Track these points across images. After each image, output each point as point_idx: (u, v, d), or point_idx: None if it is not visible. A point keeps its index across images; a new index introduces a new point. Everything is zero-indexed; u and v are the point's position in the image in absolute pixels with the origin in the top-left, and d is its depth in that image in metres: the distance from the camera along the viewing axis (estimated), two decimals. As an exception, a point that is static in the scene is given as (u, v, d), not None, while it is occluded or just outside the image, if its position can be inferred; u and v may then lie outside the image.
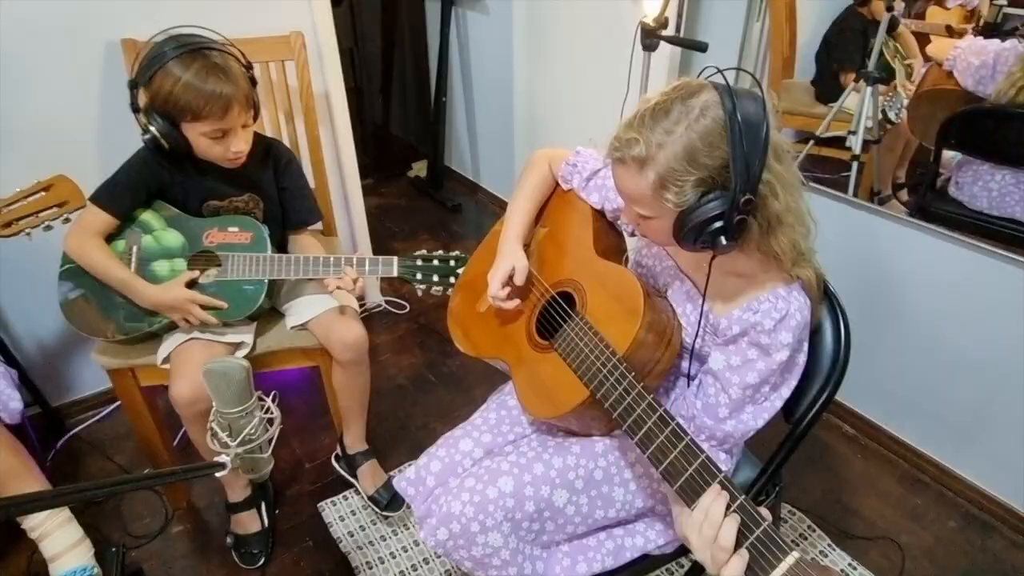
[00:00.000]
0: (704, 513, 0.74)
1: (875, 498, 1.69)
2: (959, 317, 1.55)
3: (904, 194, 1.67)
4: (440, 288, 1.36)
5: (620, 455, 1.03)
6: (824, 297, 1.01)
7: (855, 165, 1.68)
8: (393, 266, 1.35)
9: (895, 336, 1.70)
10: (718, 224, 0.81)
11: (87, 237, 1.31)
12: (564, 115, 2.62)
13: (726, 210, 0.80)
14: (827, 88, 1.75)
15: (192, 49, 1.22)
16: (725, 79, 0.81)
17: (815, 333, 0.99)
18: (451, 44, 2.97)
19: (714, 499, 0.74)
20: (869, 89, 1.61)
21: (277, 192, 1.47)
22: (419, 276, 1.35)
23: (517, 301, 1.11)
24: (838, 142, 1.73)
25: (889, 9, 1.52)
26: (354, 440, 1.64)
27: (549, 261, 1.16)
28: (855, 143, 1.67)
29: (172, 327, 1.38)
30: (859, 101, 1.64)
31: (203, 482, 1.70)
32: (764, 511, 0.72)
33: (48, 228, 1.28)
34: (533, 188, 1.21)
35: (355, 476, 1.66)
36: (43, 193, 1.26)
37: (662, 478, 0.81)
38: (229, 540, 1.53)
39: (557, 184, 1.22)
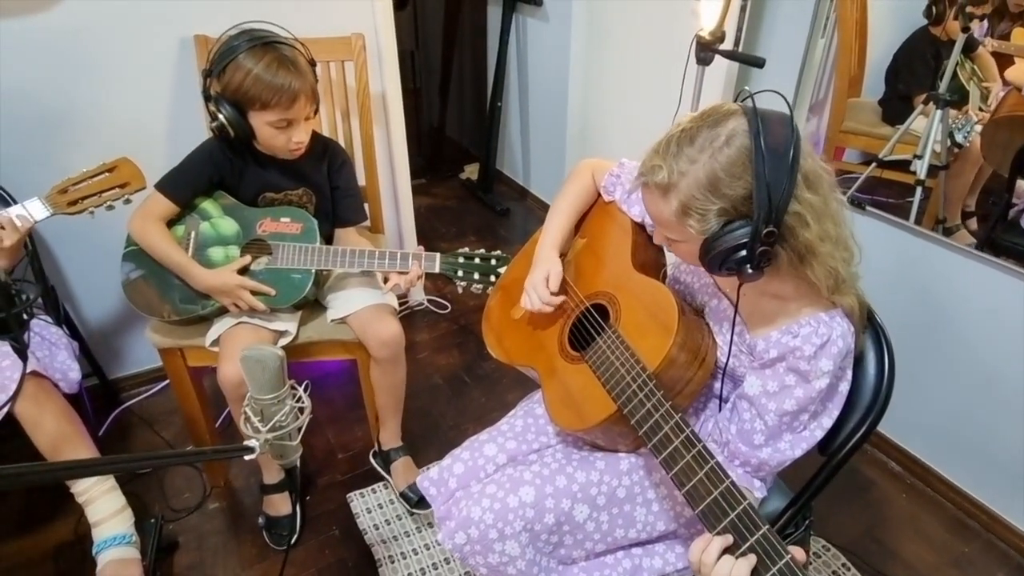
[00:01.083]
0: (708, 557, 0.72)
1: (917, 541, 1.60)
2: (1022, 357, 1.46)
3: (973, 223, 1.59)
4: (480, 287, 1.38)
5: (645, 475, 1.01)
6: (868, 325, 0.97)
7: (919, 191, 1.60)
8: (435, 262, 1.39)
9: (951, 373, 1.61)
10: (741, 254, 0.80)
11: (150, 221, 1.39)
12: (616, 126, 2.60)
13: (748, 240, 0.79)
14: (894, 109, 1.68)
15: (264, 43, 1.29)
16: (754, 105, 0.79)
17: (857, 363, 0.95)
18: (510, 50, 2.99)
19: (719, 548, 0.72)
20: (939, 112, 1.53)
21: (329, 190, 1.53)
22: (460, 273, 1.38)
23: (561, 299, 1.10)
24: (902, 165, 1.66)
25: (965, 30, 1.45)
26: (389, 436, 1.68)
27: (586, 272, 1.15)
28: (920, 168, 1.59)
29: (222, 311, 1.43)
30: (927, 124, 1.57)
31: (241, 462, 1.76)
32: (796, 551, 0.69)
33: (110, 208, 1.35)
34: (574, 197, 1.21)
35: (389, 472, 1.69)
36: (107, 174, 1.33)
37: (685, 501, 0.79)
38: (261, 520, 1.58)
39: (599, 195, 1.22)
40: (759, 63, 1.51)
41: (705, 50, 1.55)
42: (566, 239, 1.20)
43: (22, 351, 0.94)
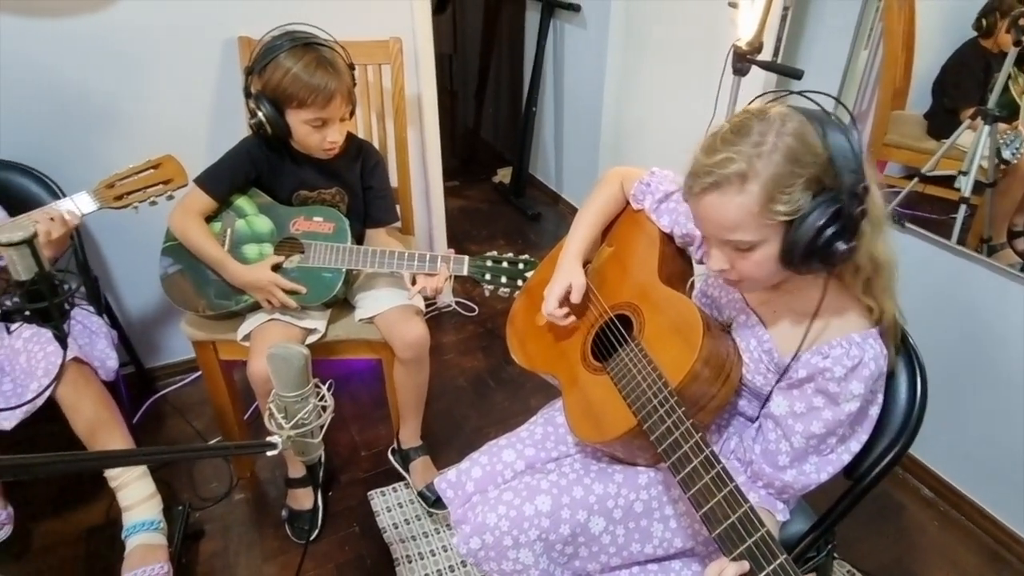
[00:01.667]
0: None
1: (949, 571, 1.55)
2: (1069, 386, 1.40)
3: (1021, 243, 1.53)
4: (507, 290, 1.39)
5: (664, 490, 1.00)
6: (901, 346, 0.94)
7: (963, 208, 1.55)
8: (464, 265, 1.40)
9: (990, 398, 1.55)
10: (835, 227, 0.77)
11: (189, 216, 1.43)
12: (649, 134, 2.58)
13: (843, 205, 0.76)
14: (940, 123, 1.62)
15: (304, 44, 1.33)
16: (804, 96, 0.78)
17: (888, 384, 0.92)
18: (546, 55, 3.00)
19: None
20: (986, 127, 1.48)
21: (362, 190, 1.55)
22: (487, 277, 1.39)
23: (573, 318, 1.10)
24: (947, 181, 1.60)
25: (1017, 43, 1.40)
26: (409, 436, 1.69)
27: (610, 281, 1.14)
28: (965, 184, 1.54)
29: (254, 308, 1.47)
30: (974, 139, 1.52)
31: (267, 455, 1.79)
32: None
33: (153, 203, 1.40)
34: (601, 205, 1.20)
35: (408, 470, 1.70)
36: (152, 171, 1.38)
37: (701, 522, 0.78)
38: (284, 513, 1.61)
39: (627, 203, 1.21)
40: (797, 75, 1.48)
41: (742, 60, 1.53)
42: (591, 247, 1.20)
43: (63, 339, 0.98)
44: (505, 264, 1.40)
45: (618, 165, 1.24)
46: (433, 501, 1.62)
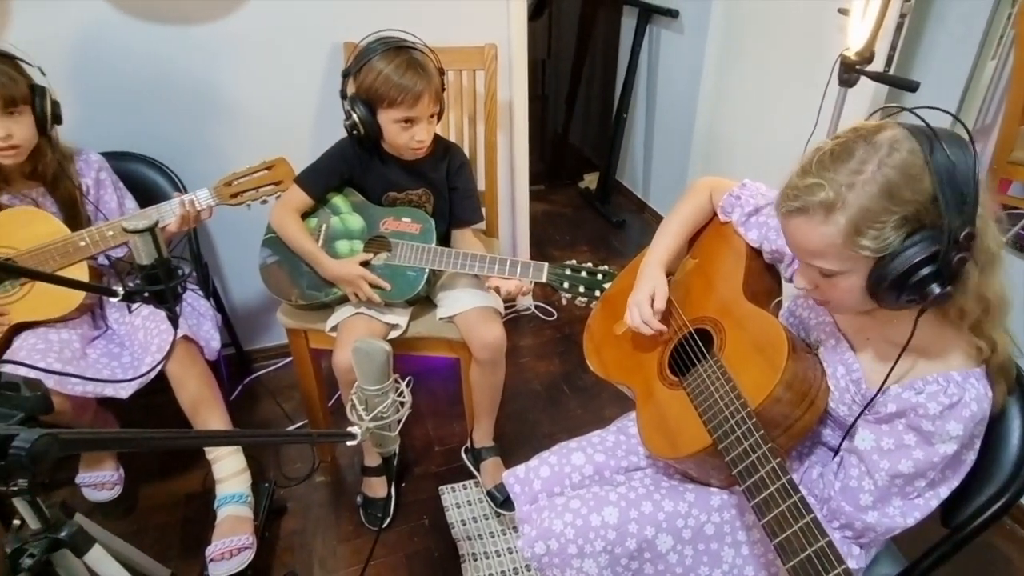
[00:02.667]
0: None
1: (1063, 638, 1.40)
2: None
3: None
4: (585, 300, 1.39)
5: (737, 514, 0.97)
6: (1015, 387, 0.86)
7: (1100, 236, 1.40)
8: (543, 272, 1.41)
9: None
10: (930, 268, 0.71)
11: (288, 212, 1.52)
12: (744, 145, 2.49)
13: (942, 248, 0.70)
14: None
15: (396, 47, 1.39)
16: (916, 116, 0.72)
17: (995, 427, 0.85)
18: (640, 61, 2.96)
19: None
20: None
21: (448, 191, 1.60)
22: (566, 285, 1.40)
23: (662, 327, 1.08)
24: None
25: None
26: (482, 435, 1.72)
27: (693, 295, 1.12)
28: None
29: (342, 301, 1.54)
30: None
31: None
32: None
33: (264, 202, 1.51)
34: (688, 215, 1.17)
35: (478, 469, 1.73)
36: (265, 171, 1.48)
37: (776, 553, 0.75)
38: (359, 499, 1.68)
39: (715, 215, 1.17)
40: (912, 87, 1.38)
41: (850, 71, 1.44)
42: (675, 257, 1.17)
43: (175, 319, 1.07)
44: (584, 274, 1.40)
45: (709, 175, 1.21)
46: (501, 502, 1.64)
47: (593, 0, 3.20)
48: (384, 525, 1.64)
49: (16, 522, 0.81)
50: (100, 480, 1.58)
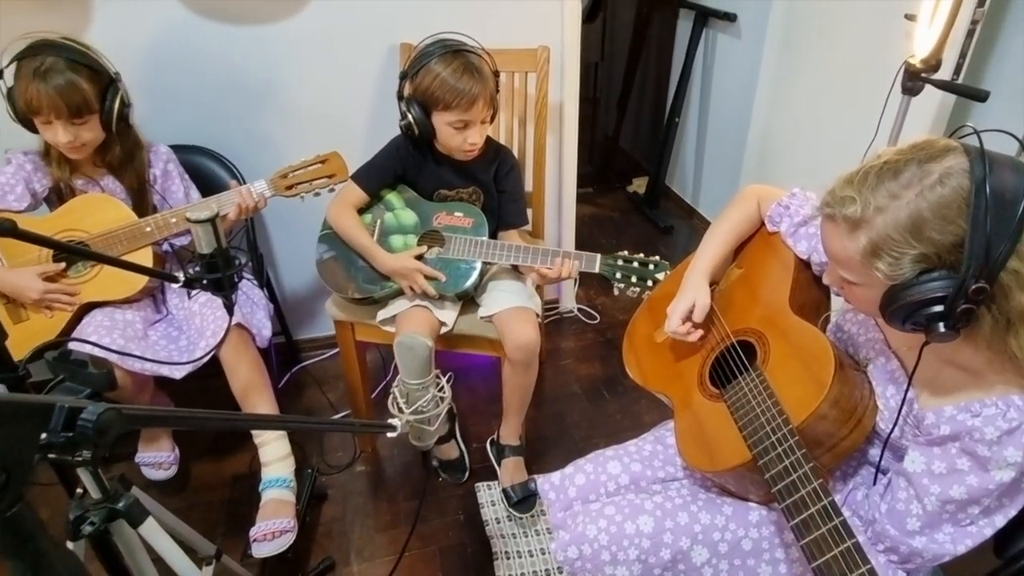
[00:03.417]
0: None
1: None
2: None
3: None
4: (636, 290, 1.40)
5: (776, 531, 0.95)
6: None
7: None
8: (596, 262, 1.42)
9: None
10: (937, 308, 0.70)
11: (344, 208, 1.57)
12: (799, 153, 2.43)
13: (950, 295, 0.69)
14: None
15: (454, 51, 1.42)
16: (980, 141, 0.69)
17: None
18: (695, 65, 2.91)
19: None
20: None
21: (496, 192, 1.62)
22: (618, 275, 1.40)
23: (696, 336, 1.07)
24: None
25: None
26: (508, 433, 1.73)
27: (737, 305, 1.10)
28: None
29: (395, 295, 1.58)
30: None
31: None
32: None
33: (317, 195, 1.55)
34: (735, 224, 1.15)
35: (499, 465, 1.75)
36: (319, 165, 1.53)
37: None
38: (435, 463, 1.80)
39: (762, 224, 1.15)
40: (981, 96, 1.32)
41: (914, 79, 1.39)
42: (720, 266, 1.16)
43: (230, 306, 1.12)
44: (636, 264, 1.40)
45: (761, 183, 1.18)
46: (515, 502, 1.65)
47: (649, 3, 3.17)
48: (464, 479, 1.78)
49: (79, 491, 0.87)
50: (157, 460, 1.66)
